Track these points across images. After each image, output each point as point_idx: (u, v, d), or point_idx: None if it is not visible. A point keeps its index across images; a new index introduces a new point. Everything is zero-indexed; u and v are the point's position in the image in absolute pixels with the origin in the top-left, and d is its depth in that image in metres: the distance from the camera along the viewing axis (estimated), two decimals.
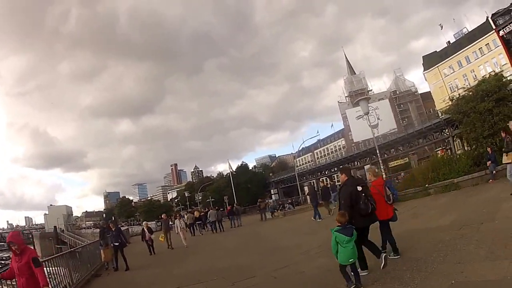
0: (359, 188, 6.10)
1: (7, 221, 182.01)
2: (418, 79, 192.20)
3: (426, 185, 15.85)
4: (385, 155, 58.58)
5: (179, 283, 9.00)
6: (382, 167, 21.56)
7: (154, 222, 55.51)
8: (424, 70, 75.59)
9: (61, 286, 9.58)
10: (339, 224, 5.76)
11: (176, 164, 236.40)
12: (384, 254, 6.36)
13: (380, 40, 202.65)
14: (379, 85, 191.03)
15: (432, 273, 5.39)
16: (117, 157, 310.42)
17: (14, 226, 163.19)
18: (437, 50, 73.61)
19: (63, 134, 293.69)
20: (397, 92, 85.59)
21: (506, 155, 9.98)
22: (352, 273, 5.64)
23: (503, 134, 11.14)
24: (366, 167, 67.83)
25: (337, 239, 5.64)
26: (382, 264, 6.20)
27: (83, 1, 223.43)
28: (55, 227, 68.57)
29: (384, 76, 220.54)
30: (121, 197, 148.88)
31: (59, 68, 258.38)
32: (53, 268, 9.69)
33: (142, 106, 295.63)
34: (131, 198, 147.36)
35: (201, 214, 30.17)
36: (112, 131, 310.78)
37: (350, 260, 5.58)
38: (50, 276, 9.15)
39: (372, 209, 6.06)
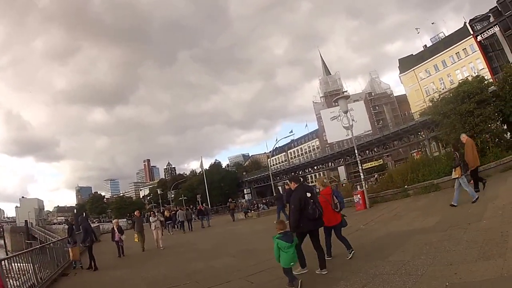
0: (308, 195, 6.58)
1: None
2: (393, 82, 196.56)
3: (405, 186, 15.50)
4: (360, 157, 58.72)
5: (150, 287, 8.75)
6: (360, 167, 21.07)
7: (125, 219, 55.20)
8: (400, 73, 76.42)
9: (27, 285, 9.20)
10: (280, 231, 6.19)
11: (149, 160, 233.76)
12: (352, 251, 7.29)
13: (354, 41, 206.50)
14: (354, 86, 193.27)
15: (423, 276, 5.22)
16: (89, 148, 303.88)
17: None
18: (413, 54, 74.58)
19: (36, 119, 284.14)
20: (372, 94, 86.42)
21: (454, 170, 10.19)
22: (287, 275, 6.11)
23: (452, 149, 11.64)
24: (317, 176, 68.57)
25: (279, 245, 6.05)
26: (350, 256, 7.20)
27: None
28: (26, 221, 66.32)
29: (359, 77, 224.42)
30: (93, 192, 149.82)
31: (33, 44, 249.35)
32: (22, 264, 9.46)
33: (115, 94, 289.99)
34: (103, 193, 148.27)
35: (171, 213, 29.69)
36: (85, 119, 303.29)
37: (291, 264, 6.08)
38: (17, 273, 9.15)
39: (319, 214, 6.56)
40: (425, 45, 72.48)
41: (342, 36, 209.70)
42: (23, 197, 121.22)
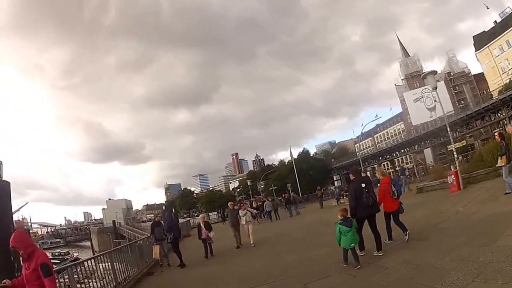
0: (363, 185, 7.70)
1: (65, 217, 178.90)
2: (469, 61, 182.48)
3: (497, 165, 15.85)
4: (442, 139, 58.03)
5: (242, 284, 8.22)
6: (453, 146, 22.15)
7: (215, 213, 55.13)
8: (475, 51, 73.86)
9: (111, 286, 9.05)
10: (341, 217, 7.34)
11: (237, 153, 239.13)
12: (407, 232, 8.20)
13: (427, 23, 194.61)
14: (432, 67, 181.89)
15: None
16: (175, 147, 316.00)
17: (72, 222, 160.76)
18: (486, 30, 71.60)
19: (119, 127, 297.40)
20: (451, 73, 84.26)
21: (501, 158, 10.76)
22: (353, 256, 7.19)
23: (497, 138, 11.83)
24: (376, 167, 67.32)
25: (340, 229, 7.27)
26: (407, 239, 8.12)
27: None
28: (113, 221, 67.97)
29: (435, 58, 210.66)
30: (182, 188, 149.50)
31: (105, 60, 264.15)
32: (106, 264, 9.40)
33: (197, 95, 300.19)
34: (192, 189, 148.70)
35: (259, 204, 31.36)
36: (169, 121, 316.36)
37: (351, 245, 7.20)
38: (102, 273, 9.35)
39: (372, 202, 7.67)
40: (495, 21, 69.40)
41: (415, 18, 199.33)
42: (110, 199, 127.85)
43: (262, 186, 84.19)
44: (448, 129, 19.97)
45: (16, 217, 65.87)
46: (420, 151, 73.70)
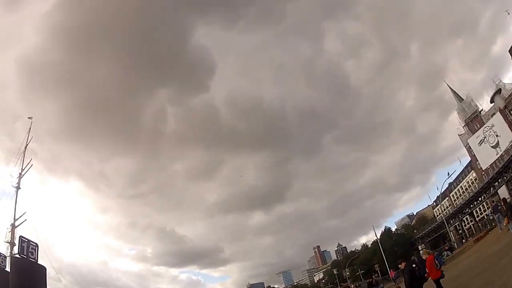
0: (414, 265, 11.89)
1: None
2: None
3: None
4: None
5: None
6: None
7: None
8: None
9: None
10: None
11: (318, 246, 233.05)
12: None
13: (467, 59, 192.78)
14: (485, 101, 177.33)
15: None
16: (255, 248, 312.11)
17: None
18: None
19: (193, 232, 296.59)
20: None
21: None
22: None
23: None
24: (421, 251, 64.07)
25: None
26: None
27: (170, 99, 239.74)
28: None
29: (484, 93, 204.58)
30: (265, 287, 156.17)
31: (172, 167, 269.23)
32: None
33: (271, 196, 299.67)
34: (276, 286, 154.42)
35: None
36: (245, 224, 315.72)
37: None
38: None
39: (423, 276, 11.57)
40: None
41: (455, 60, 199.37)
42: None
43: (348, 273, 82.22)
44: None
45: None
46: (494, 194, 69.24)
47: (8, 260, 31.56)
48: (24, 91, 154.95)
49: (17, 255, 29.06)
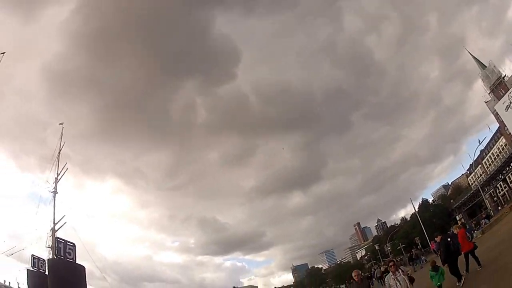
0: (449, 239, 13.00)
1: None
2: None
3: None
4: None
5: None
6: None
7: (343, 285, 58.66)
8: None
9: None
10: (431, 266, 11.76)
11: (358, 223, 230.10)
12: (464, 276, 12.30)
13: (484, 26, 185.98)
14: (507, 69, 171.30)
15: None
16: (296, 230, 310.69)
17: None
18: None
19: (234, 219, 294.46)
20: None
21: None
22: None
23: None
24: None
25: (430, 274, 11.64)
26: (461, 283, 12.11)
27: (198, 90, 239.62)
28: None
29: (505, 59, 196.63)
30: (309, 267, 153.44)
31: (208, 157, 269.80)
32: None
33: (307, 176, 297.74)
34: (320, 266, 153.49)
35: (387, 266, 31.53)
36: (285, 206, 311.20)
37: (437, 284, 11.43)
38: None
39: (457, 249, 12.44)
40: None
41: (473, 28, 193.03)
42: (234, 287, 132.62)
43: (389, 248, 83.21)
44: None
45: None
46: None
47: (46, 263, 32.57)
48: (51, 99, 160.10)
49: (54, 257, 29.64)
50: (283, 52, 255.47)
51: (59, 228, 39.22)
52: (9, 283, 42.91)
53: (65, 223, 39.87)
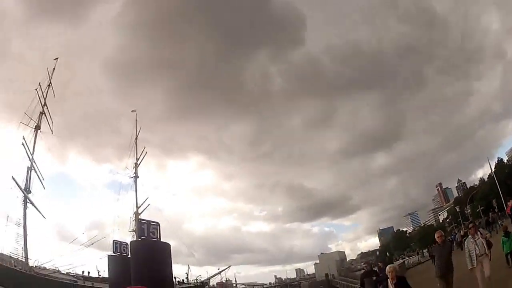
0: None
1: (275, 276, 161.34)
2: None
3: None
4: None
5: None
6: None
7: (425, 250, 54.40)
8: None
9: None
10: (503, 231, 12.26)
11: (440, 184, 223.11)
12: None
13: None
14: None
15: None
16: (382, 192, 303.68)
17: (283, 279, 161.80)
18: None
19: (320, 183, 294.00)
20: None
21: None
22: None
23: None
24: None
25: (502, 240, 12.01)
26: None
27: (270, 58, 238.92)
28: (326, 274, 69.20)
29: None
30: (394, 230, 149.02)
31: (289, 123, 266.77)
32: None
33: (388, 135, 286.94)
34: (404, 229, 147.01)
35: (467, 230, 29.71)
36: (370, 167, 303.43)
37: (507, 251, 11.71)
38: None
39: None
40: None
41: None
42: (321, 253, 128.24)
43: (469, 211, 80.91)
44: None
45: (219, 279, 75.57)
46: None
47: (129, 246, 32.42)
48: (119, 90, 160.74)
49: (137, 239, 29.04)
50: (347, 11, 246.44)
51: (142, 211, 40.52)
52: (88, 272, 44.62)
53: (148, 205, 40.81)
